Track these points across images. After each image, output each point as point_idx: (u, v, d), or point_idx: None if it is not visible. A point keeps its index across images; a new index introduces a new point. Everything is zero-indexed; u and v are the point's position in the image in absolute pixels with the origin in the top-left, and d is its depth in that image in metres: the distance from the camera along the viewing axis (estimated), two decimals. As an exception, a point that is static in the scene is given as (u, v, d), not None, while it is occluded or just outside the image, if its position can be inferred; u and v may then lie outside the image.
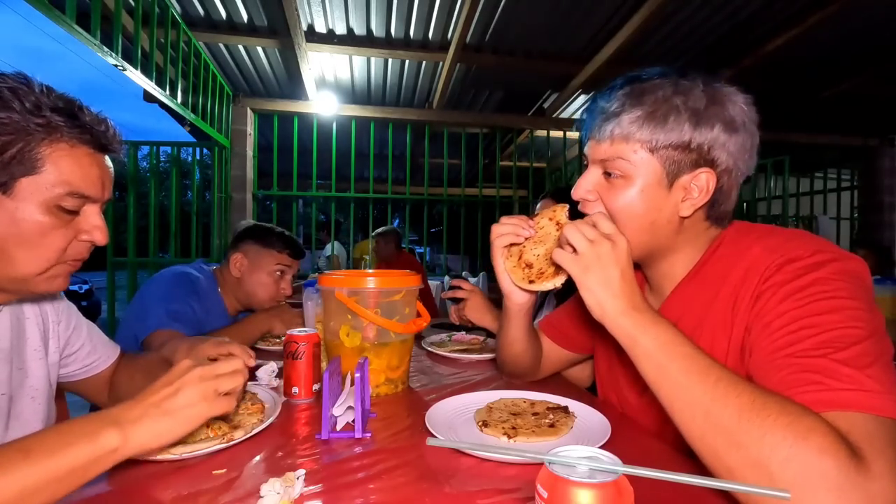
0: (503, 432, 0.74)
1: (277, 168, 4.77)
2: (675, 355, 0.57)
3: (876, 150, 5.41)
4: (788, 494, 0.36)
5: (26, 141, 0.63)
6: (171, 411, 0.60)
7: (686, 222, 0.72)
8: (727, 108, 0.67)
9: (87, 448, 0.53)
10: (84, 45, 1.94)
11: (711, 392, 0.53)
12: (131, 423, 0.57)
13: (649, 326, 0.60)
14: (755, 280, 0.65)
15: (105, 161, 0.73)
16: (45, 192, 0.65)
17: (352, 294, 0.97)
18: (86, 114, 0.69)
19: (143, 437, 0.57)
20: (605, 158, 0.71)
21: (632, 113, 0.67)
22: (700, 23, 3.28)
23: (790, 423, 0.48)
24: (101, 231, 0.72)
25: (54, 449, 0.51)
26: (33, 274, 0.68)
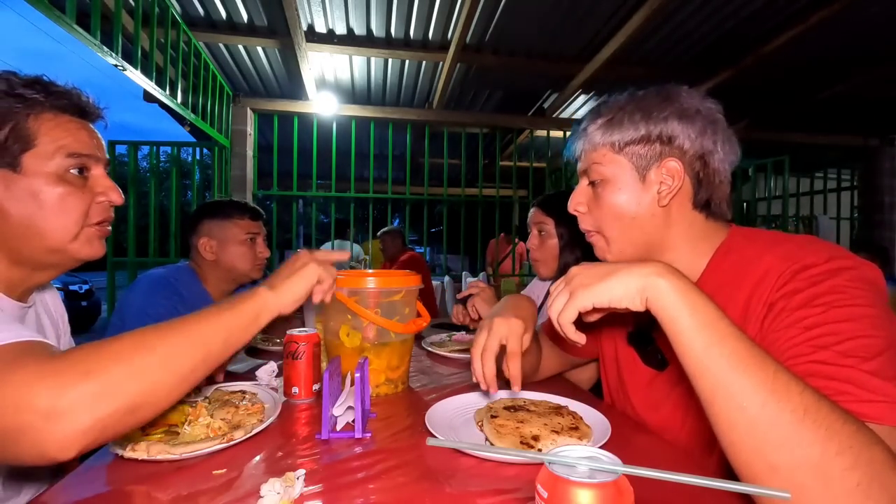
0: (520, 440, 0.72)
1: (277, 168, 4.77)
2: (726, 333, 0.50)
3: (876, 151, 5.41)
4: (788, 494, 0.36)
5: (15, 119, 0.69)
6: (294, 272, 0.77)
7: (673, 214, 0.74)
8: (678, 101, 0.72)
9: (256, 302, 0.70)
10: (84, 45, 1.94)
11: (771, 383, 0.47)
12: (274, 285, 0.74)
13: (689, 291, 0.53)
14: (768, 289, 0.64)
15: (90, 126, 0.78)
16: (49, 162, 0.71)
17: (352, 294, 0.97)
18: (55, 85, 0.74)
19: (282, 292, 0.74)
20: (584, 169, 0.79)
21: (594, 125, 0.76)
22: (700, 22, 3.28)
23: (856, 432, 0.46)
24: (115, 190, 0.79)
25: (235, 305, 0.68)
26: (66, 241, 0.74)
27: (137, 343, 0.57)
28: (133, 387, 0.54)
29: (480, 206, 5.11)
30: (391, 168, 4.98)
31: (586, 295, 0.58)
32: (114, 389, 0.52)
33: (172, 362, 0.58)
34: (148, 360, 0.56)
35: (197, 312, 0.65)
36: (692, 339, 0.52)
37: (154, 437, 0.72)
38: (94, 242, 0.78)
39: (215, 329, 0.64)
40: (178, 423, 0.76)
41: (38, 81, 0.72)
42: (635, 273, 0.56)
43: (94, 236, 0.78)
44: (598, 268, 0.60)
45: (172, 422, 0.76)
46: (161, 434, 0.73)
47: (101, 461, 0.67)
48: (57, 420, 0.49)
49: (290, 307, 0.75)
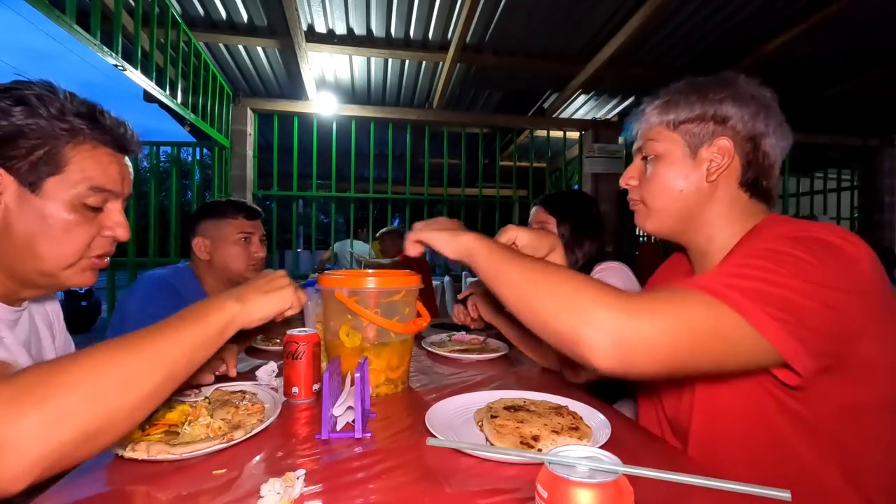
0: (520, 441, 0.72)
1: (277, 168, 4.77)
2: (497, 251, 0.72)
3: (876, 151, 5.41)
4: (788, 495, 0.36)
5: (52, 144, 0.69)
6: (269, 291, 0.75)
7: (719, 190, 0.77)
8: (733, 86, 0.76)
9: (222, 314, 0.66)
10: (84, 45, 1.94)
11: (519, 266, 0.67)
12: (244, 298, 0.71)
13: (480, 241, 0.75)
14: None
15: (124, 160, 0.79)
16: (70, 190, 0.71)
17: (352, 294, 0.97)
18: (106, 118, 0.75)
19: (251, 308, 0.71)
20: (639, 147, 0.83)
21: (651, 106, 0.81)
22: (700, 23, 3.28)
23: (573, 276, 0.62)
24: (123, 227, 0.79)
25: (200, 317, 0.64)
26: (60, 268, 0.74)
27: (94, 364, 0.53)
28: (89, 412, 0.51)
29: (480, 206, 5.12)
30: (391, 168, 4.98)
31: (421, 231, 0.83)
32: (68, 416, 0.49)
33: (132, 384, 0.55)
34: (105, 383, 0.53)
35: (159, 324, 0.61)
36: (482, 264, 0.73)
37: (154, 437, 0.72)
38: (87, 273, 0.77)
39: (179, 345, 0.60)
40: (178, 423, 0.76)
41: (91, 112, 0.73)
42: (452, 234, 0.79)
43: (89, 267, 0.78)
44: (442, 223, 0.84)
45: (172, 422, 0.76)
46: (161, 434, 0.73)
47: (101, 461, 0.67)
48: (6, 451, 0.46)
49: (254, 324, 0.72)
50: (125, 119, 0.79)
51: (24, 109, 0.67)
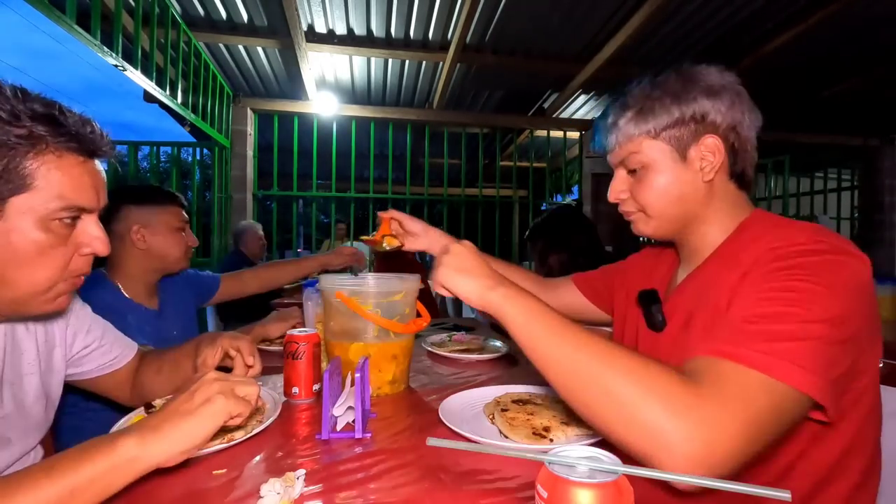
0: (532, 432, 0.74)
1: (277, 168, 4.77)
2: (539, 315, 0.63)
3: (876, 150, 5.41)
4: (788, 495, 0.36)
5: (10, 157, 0.59)
6: (190, 411, 0.59)
7: (714, 187, 0.77)
8: (702, 79, 0.76)
9: (106, 459, 0.53)
10: (84, 45, 1.94)
11: (573, 342, 0.58)
12: (150, 429, 0.57)
13: (516, 298, 0.66)
14: (753, 265, 0.66)
15: (96, 166, 0.68)
16: (39, 210, 0.61)
17: (352, 294, 0.97)
18: (68, 117, 0.63)
19: (165, 442, 0.56)
20: (622, 159, 0.81)
21: (624, 117, 0.78)
22: (700, 23, 3.28)
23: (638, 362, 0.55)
24: (101, 241, 0.69)
25: (74, 464, 0.52)
26: (35, 294, 0.65)
27: None
28: None
29: (480, 206, 5.12)
30: (391, 168, 4.99)
31: (444, 278, 0.72)
32: None
33: None
34: None
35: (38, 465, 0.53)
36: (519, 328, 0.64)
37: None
38: (61, 298, 0.69)
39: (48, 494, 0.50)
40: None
41: (50, 113, 0.61)
42: (479, 282, 0.69)
43: (65, 291, 0.68)
44: (462, 260, 0.73)
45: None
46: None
47: (101, 461, 0.67)
48: None
49: (176, 459, 0.57)
50: (90, 116, 0.67)
51: None
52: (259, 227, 3.53)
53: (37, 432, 0.81)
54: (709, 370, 0.54)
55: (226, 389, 0.62)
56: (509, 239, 5.58)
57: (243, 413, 0.63)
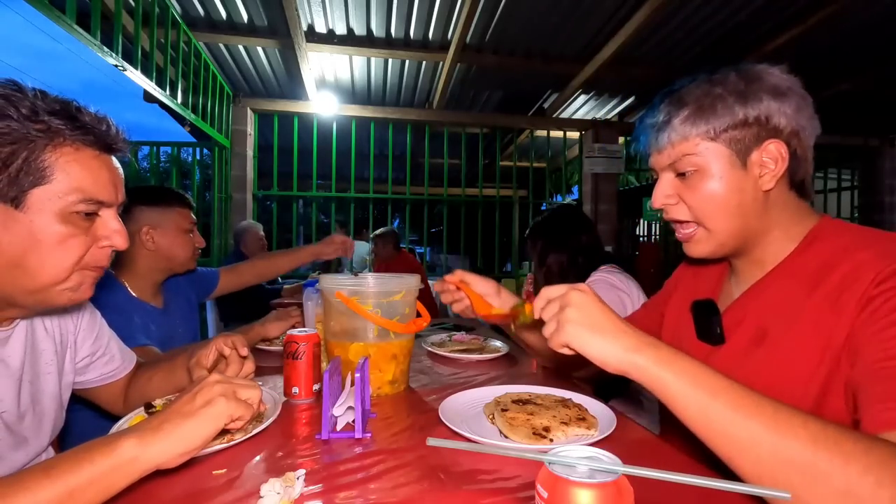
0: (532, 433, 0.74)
1: (277, 168, 4.77)
2: (715, 390, 0.52)
3: (876, 150, 5.41)
4: (788, 495, 0.36)
5: (29, 149, 0.61)
6: (192, 412, 0.59)
7: (772, 196, 0.71)
8: (766, 80, 0.69)
9: (106, 460, 0.53)
10: (84, 45, 1.94)
11: (774, 426, 0.49)
12: (151, 431, 0.57)
13: (672, 360, 0.55)
14: (865, 284, 0.61)
15: (112, 162, 0.71)
16: (59, 202, 0.63)
17: (352, 294, 0.97)
18: (85, 114, 0.66)
19: (165, 443, 0.56)
20: (673, 161, 0.73)
21: (680, 116, 0.70)
22: (700, 23, 3.28)
23: (869, 449, 0.46)
24: (121, 235, 0.70)
25: (74, 464, 0.52)
26: (53, 284, 0.66)
27: None
28: None
29: (480, 206, 5.12)
30: (391, 168, 4.99)
31: (572, 337, 0.61)
32: None
33: None
34: None
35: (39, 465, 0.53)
36: (686, 402, 0.53)
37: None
38: (83, 287, 0.70)
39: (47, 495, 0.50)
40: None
41: (67, 108, 0.64)
42: (618, 343, 0.59)
43: (85, 281, 0.70)
44: (591, 313, 0.62)
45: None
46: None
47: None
48: None
49: (176, 460, 0.58)
50: (106, 114, 0.70)
51: None
52: (259, 227, 3.53)
53: (50, 433, 0.82)
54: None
55: (228, 392, 0.63)
56: (509, 239, 5.58)
57: (244, 416, 0.63)
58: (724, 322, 0.77)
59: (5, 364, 0.73)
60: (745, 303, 0.76)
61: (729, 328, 0.76)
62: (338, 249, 1.80)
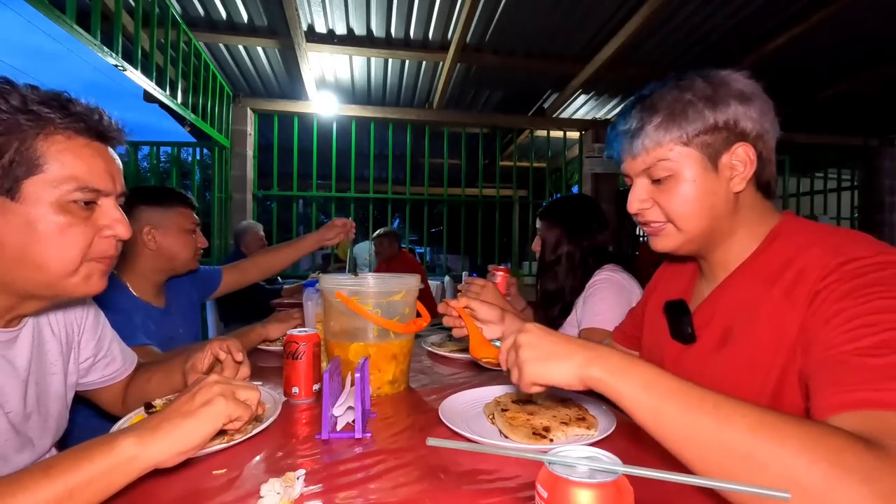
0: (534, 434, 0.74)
1: (277, 168, 4.77)
2: (665, 391, 0.55)
3: (876, 150, 5.41)
4: (788, 495, 0.36)
5: (20, 139, 0.61)
6: (190, 412, 0.59)
7: (741, 198, 0.74)
8: (733, 85, 0.72)
9: (105, 459, 0.53)
10: (84, 45, 1.94)
11: (716, 419, 0.51)
12: (150, 430, 0.57)
13: (623, 368, 0.58)
14: (813, 278, 0.64)
15: (108, 152, 0.70)
16: (54, 191, 0.63)
17: (352, 294, 0.97)
18: (76, 104, 0.66)
19: (163, 442, 0.57)
20: (647, 167, 0.75)
21: (653, 122, 0.73)
22: (700, 22, 3.28)
23: (802, 432, 0.48)
24: (122, 223, 0.70)
25: (73, 463, 0.52)
26: (62, 276, 0.66)
27: None
28: None
29: (480, 206, 5.12)
30: (391, 168, 4.99)
31: (533, 374, 0.63)
32: None
33: None
34: None
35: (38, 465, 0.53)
36: (640, 406, 0.56)
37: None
38: (94, 279, 0.70)
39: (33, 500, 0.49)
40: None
41: (57, 98, 0.64)
42: (572, 362, 0.61)
43: (95, 272, 0.70)
44: (540, 346, 0.64)
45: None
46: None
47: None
48: None
49: (174, 459, 0.58)
50: (99, 105, 0.69)
51: None
52: (260, 227, 3.53)
53: (54, 434, 0.82)
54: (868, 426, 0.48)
55: (227, 392, 0.63)
56: (509, 239, 5.58)
57: (243, 417, 0.63)
58: (695, 321, 0.80)
59: (12, 365, 0.73)
60: (712, 303, 0.79)
61: (699, 327, 0.79)
62: (339, 233, 1.77)
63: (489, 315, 1.01)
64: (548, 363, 0.62)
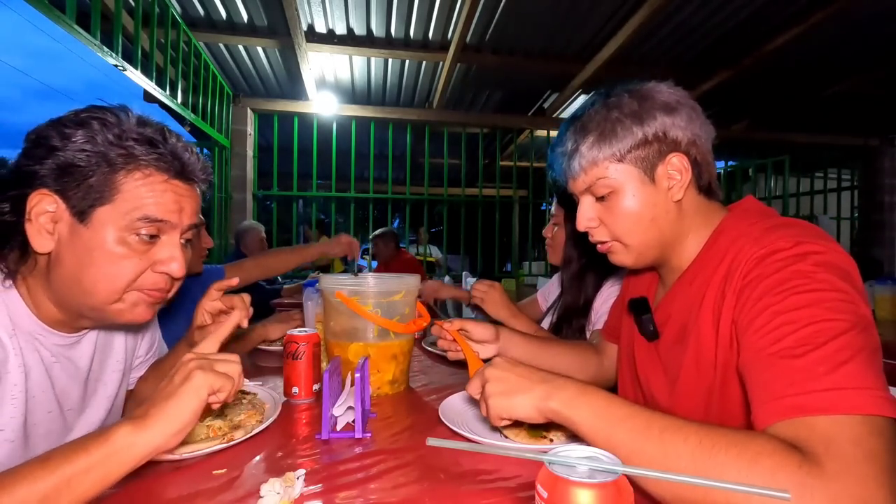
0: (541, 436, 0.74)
1: (277, 168, 4.77)
2: (615, 419, 0.57)
3: (876, 150, 5.41)
4: (788, 495, 0.36)
5: (106, 171, 0.65)
6: (172, 392, 0.59)
7: (684, 205, 0.76)
8: (656, 98, 0.74)
9: (101, 448, 0.54)
10: (84, 45, 1.94)
11: (660, 445, 0.53)
12: (140, 418, 0.57)
13: (577, 399, 0.61)
14: (739, 273, 0.65)
15: (184, 188, 0.72)
16: (119, 221, 0.66)
17: (352, 294, 0.97)
18: (168, 140, 0.69)
19: (155, 427, 0.57)
20: (588, 186, 0.78)
21: (585, 142, 0.75)
22: (700, 23, 3.28)
23: (739, 454, 0.49)
24: (178, 262, 0.71)
25: (70, 454, 0.53)
26: (107, 302, 0.68)
27: None
28: None
29: (480, 206, 5.12)
30: (391, 168, 4.99)
31: (499, 408, 0.66)
32: None
33: None
34: None
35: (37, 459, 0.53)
36: (595, 434, 0.58)
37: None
38: (140, 308, 0.71)
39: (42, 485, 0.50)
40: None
41: (152, 137, 0.68)
42: (532, 395, 0.63)
43: (142, 301, 0.71)
44: (505, 380, 0.66)
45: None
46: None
47: (101, 461, 0.67)
48: None
49: (171, 441, 0.57)
50: (193, 146, 0.73)
51: (83, 134, 0.64)
52: (261, 228, 3.53)
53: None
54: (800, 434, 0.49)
55: (204, 365, 0.62)
56: (509, 239, 5.58)
57: (225, 387, 0.62)
58: (656, 319, 0.82)
59: (75, 365, 0.77)
60: (668, 302, 0.81)
61: (660, 324, 0.82)
62: (344, 248, 1.80)
63: (484, 335, 1.01)
64: (511, 398, 0.65)
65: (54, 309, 0.71)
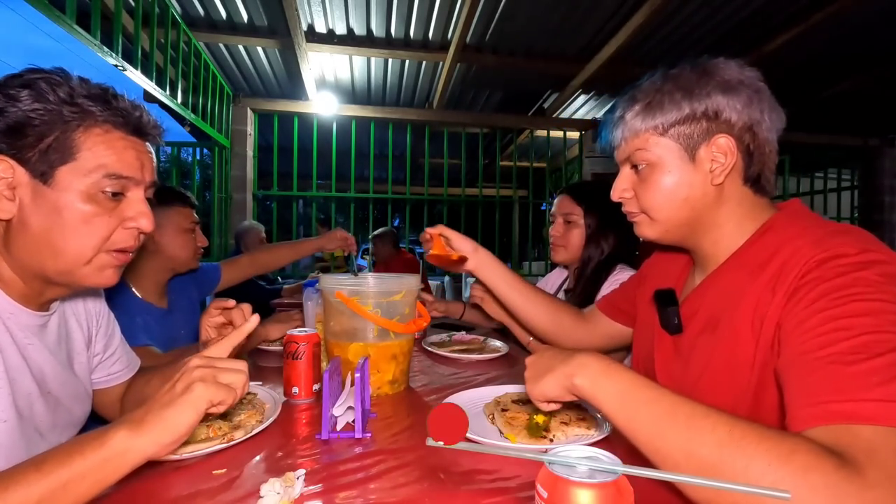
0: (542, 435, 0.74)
1: (277, 168, 4.77)
2: (640, 401, 0.56)
3: (876, 150, 5.41)
4: (788, 495, 0.36)
5: (62, 130, 0.64)
6: (171, 401, 0.58)
7: (725, 191, 0.72)
8: (718, 74, 0.71)
9: (96, 453, 0.53)
10: (84, 45, 1.94)
11: (686, 431, 0.51)
12: (138, 421, 0.56)
13: (603, 376, 0.59)
14: (793, 274, 0.62)
15: (141, 144, 0.72)
16: (85, 179, 0.66)
17: (352, 294, 0.97)
18: (120, 101, 0.69)
19: (150, 434, 0.56)
20: (627, 156, 0.77)
21: (631, 111, 0.74)
22: (700, 23, 3.28)
23: (770, 448, 0.47)
24: (147, 217, 0.71)
25: (65, 458, 0.52)
26: (78, 264, 0.68)
27: None
28: None
29: (480, 206, 5.11)
30: (391, 168, 4.98)
31: (534, 392, 0.67)
32: None
33: None
34: None
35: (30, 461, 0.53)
36: (616, 414, 0.57)
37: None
38: (107, 271, 0.71)
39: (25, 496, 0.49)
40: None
41: (103, 95, 0.68)
42: (559, 374, 0.63)
43: (109, 265, 0.71)
44: (536, 364, 0.68)
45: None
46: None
47: (101, 461, 0.67)
48: None
49: (166, 449, 0.56)
50: (143, 104, 0.73)
51: (31, 94, 0.63)
52: (261, 227, 3.53)
53: (76, 427, 0.84)
54: (841, 441, 0.47)
55: (207, 376, 0.60)
56: (509, 239, 5.58)
57: (226, 401, 0.60)
58: (682, 312, 0.80)
59: (49, 350, 0.76)
60: (700, 294, 0.78)
61: (686, 318, 0.79)
62: (340, 243, 1.81)
63: (462, 246, 1.06)
64: (542, 380, 0.65)
65: (18, 280, 0.70)
